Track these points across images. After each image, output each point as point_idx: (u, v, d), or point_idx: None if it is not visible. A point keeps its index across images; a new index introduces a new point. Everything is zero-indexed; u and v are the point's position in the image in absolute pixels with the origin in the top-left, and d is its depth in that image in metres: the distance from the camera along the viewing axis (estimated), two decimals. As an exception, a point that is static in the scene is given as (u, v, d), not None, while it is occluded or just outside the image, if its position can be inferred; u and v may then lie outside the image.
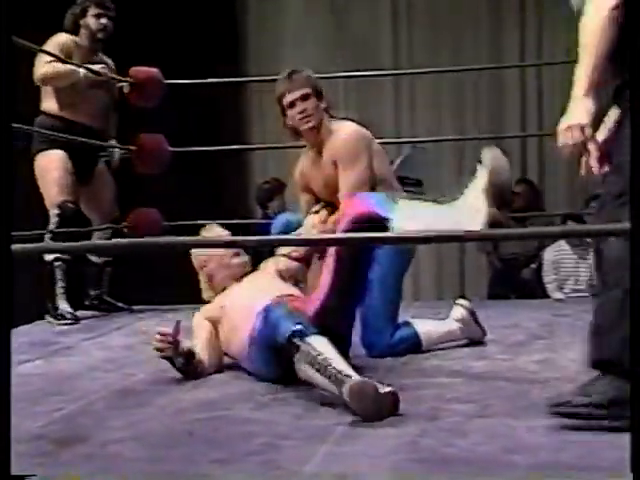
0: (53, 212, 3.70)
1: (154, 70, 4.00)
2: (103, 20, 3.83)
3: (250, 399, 2.23)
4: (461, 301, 2.91)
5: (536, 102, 6.34)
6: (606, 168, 1.98)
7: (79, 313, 3.78)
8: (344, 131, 2.80)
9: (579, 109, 1.89)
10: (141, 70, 3.97)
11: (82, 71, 3.72)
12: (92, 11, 3.81)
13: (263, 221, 5.65)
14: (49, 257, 3.68)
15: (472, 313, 2.86)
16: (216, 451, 1.78)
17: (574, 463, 1.62)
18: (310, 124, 2.80)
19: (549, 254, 5.05)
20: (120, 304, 4.05)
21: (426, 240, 2.32)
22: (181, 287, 3.46)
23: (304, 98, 2.79)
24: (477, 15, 6.36)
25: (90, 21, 3.82)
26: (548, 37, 6.24)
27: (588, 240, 5.04)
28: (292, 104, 2.80)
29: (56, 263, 3.69)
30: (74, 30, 3.83)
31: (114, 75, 3.94)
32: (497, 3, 6.39)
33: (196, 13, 5.94)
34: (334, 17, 6.47)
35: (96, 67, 3.79)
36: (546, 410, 1.86)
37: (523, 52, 6.36)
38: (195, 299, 2.90)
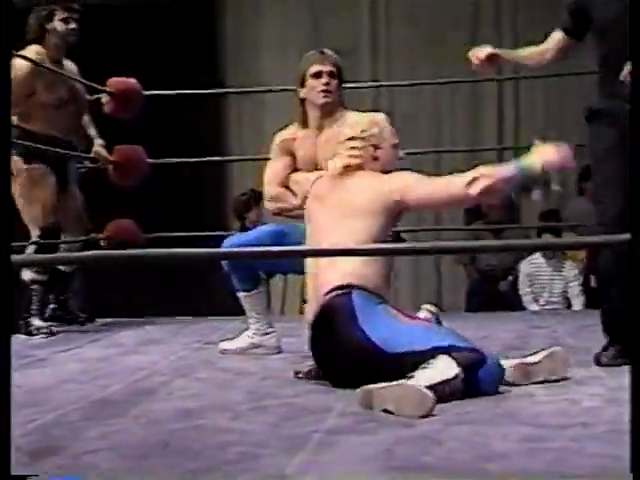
0: (35, 233, 3.68)
1: (132, 81, 4.00)
2: (72, 24, 3.76)
3: (227, 408, 2.22)
4: (427, 305, 2.90)
5: (513, 115, 6.40)
6: None
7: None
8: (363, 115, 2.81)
9: None
10: (119, 81, 3.98)
11: None
12: (60, 15, 3.72)
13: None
14: (27, 277, 3.66)
15: (437, 318, 2.86)
16: (192, 461, 1.77)
17: (546, 470, 1.63)
18: (328, 99, 2.88)
19: (525, 267, 5.10)
20: (82, 315, 4.02)
21: (409, 252, 2.33)
22: (150, 298, 3.46)
23: (331, 74, 2.88)
24: (456, 26, 6.41)
25: (58, 25, 3.73)
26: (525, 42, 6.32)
27: (563, 253, 5.12)
28: (319, 74, 2.88)
29: (34, 286, 3.66)
30: (40, 35, 3.73)
31: (83, 80, 3.90)
32: (474, 14, 6.45)
33: (174, 24, 5.95)
34: (313, 28, 6.50)
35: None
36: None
37: (500, 67, 6.42)
38: (165, 311, 2.91)
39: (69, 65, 3.90)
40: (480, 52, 2.83)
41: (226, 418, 2.13)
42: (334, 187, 2.68)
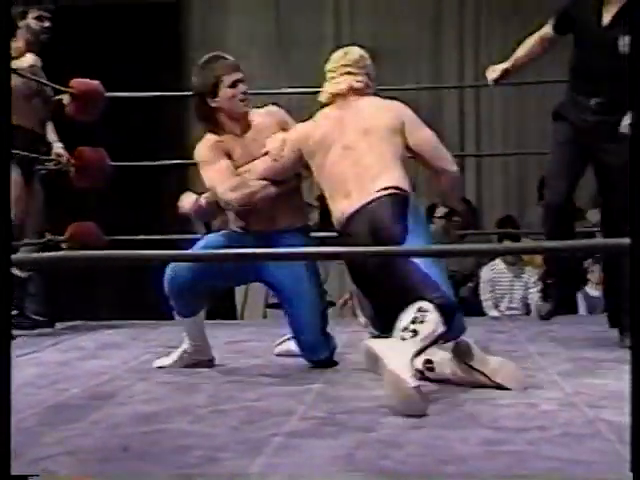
0: None
1: (95, 82, 3.97)
2: (46, 23, 3.82)
3: (188, 412, 2.22)
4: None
5: (474, 123, 6.47)
6: None
7: None
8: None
9: None
10: (82, 82, 3.95)
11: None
12: (34, 13, 3.80)
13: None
14: None
15: None
16: (151, 465, 1.77)
17: (505, 473, 1.66)
18: (248, 108, 2.86)
19: (485, 272, 5.16)
20: (41, 319, 3.98)
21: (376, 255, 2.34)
22: (110, 301, 3.44)
23: (242, 81, 2.85)
24: (419, 25, 6.46)
25: (32, 22, 3.80)
26: (485, 57, 6.39)
27: (523, 259, 5.19)
28: (235, 84, 2.83)
29: None
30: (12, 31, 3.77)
31: (45, 81, 3.88)
32: (437, 14, 6.50)
33: (139, 25, 5.92)
34: (278, 29, 6.49)
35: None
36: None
37: (462, 73, 6.48)
38: (126, 315, 2.88)
39: (36, 59, 3.89)
40: (494, 73, 3.27)
41: (186, 422, 2.12)
42: (346, 110, 2.72)
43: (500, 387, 2.35)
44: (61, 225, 4.08)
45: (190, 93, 3.08)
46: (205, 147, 2.88)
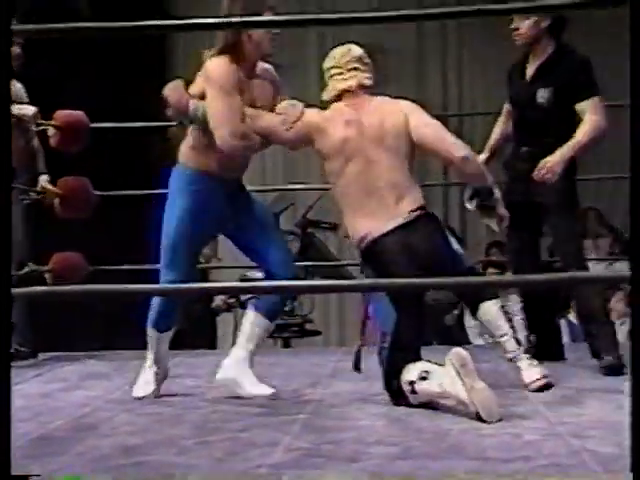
0: None
1: (79, 113, 3.99)
2: (17, 49, 3.76)
3: (172, 443, 2.21)
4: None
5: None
6: None
7: None
8: None
9: None
10: (66, 114, 3.96)
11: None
12: None
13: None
14: None
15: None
16: (136, 497, 1.76)
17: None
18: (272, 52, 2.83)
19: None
20: (23, 349, 3.95)
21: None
22: (93, 331, 3.42)
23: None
24: (401, 59, 6.53)
25: None
26: (468, 85, 6.48)
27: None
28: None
29: None
30: None
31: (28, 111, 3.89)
32: (420, 50, 6.59)
33: (125, 52, 5.94)
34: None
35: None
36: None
37: (445, 103, 6.56)
38: (109, 345, 2.88)
39: (17, 86, 3.89)
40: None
41: (171, 453, 2.12)
42: (361, 112, 2.75)
43: (478, 416, 2.36)
44: (45, 255, 4.07)
45: (170, 124, 3.08)
46: (225, 70, 2.68)
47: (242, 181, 2.94)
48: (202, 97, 2.72)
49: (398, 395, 2.58)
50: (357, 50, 2.85)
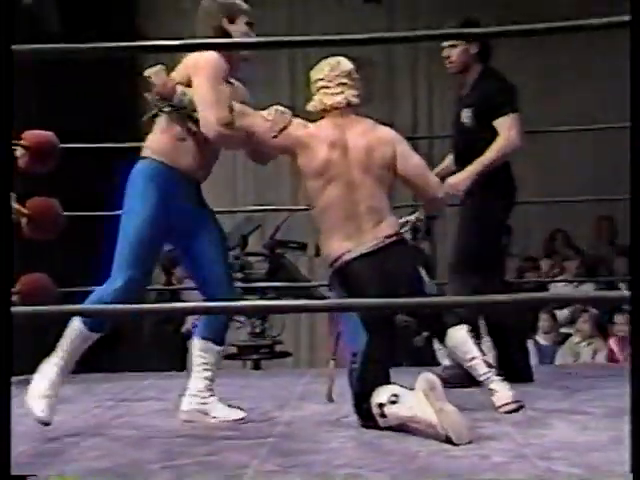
0: None
1: (49, 134, 3.96)
2: None
3: (139, 468, 2.20)
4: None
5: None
6: None
7: None
8: None
9: None
10: (35, 134, 3.93)
11: None
12: None
13: (167, 287, 5.61)
14: None
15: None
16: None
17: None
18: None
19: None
20: None
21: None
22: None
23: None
24: (373, 89, 6.59)
25: None
26: (438, 108, 6.55)
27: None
28: (251, 25, 2.81)
29: None
30: None
31: None
32: (389, 63, 6.65)
33: (94, 76, 5.92)
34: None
35: None
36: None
37: (415, 126, 6.62)
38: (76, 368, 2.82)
39: None
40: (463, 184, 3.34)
41: (140, 478, 2.10)
42: (347, 133, 2.75)
43: (447, 439, 2.37)
44: (13, 277, 4.02)
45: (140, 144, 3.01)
46: (217, 59, 2.66)
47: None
48: (187, 85, 2.68)
49: (367, 417, 2.58)
50: (347, 65, 2.82)
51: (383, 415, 2.52)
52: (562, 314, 5.29)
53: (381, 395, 2.54)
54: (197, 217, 2.79)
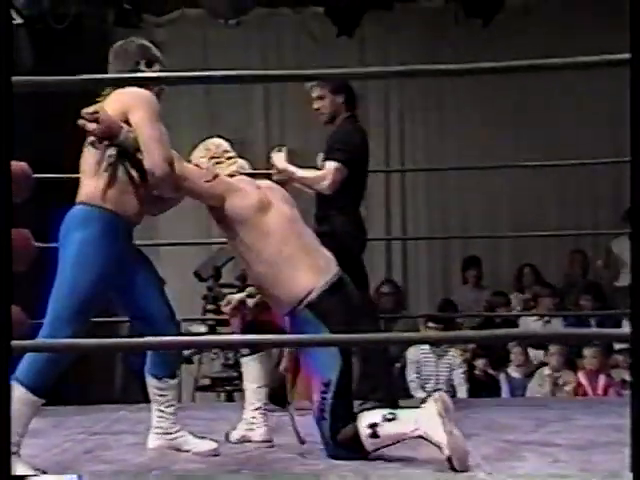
0: None
1: (23, 164, 3.95)
2: None
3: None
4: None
5: (400, 206, 6.62)
6: None
7: None
8: None
9: None
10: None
11: None
12: None
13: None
14: None
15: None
16: None
17: None
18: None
19: (412, 353, 5.22)
20: None
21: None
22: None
23: None
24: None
25: None
26: (410, 142, 6.62)
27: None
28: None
29: None
30: None
31: None
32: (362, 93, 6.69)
33: (64, 102, 5.92)
34: (208, 99, 6.47)
35: None
36: None
37: (388, 157, 6.67)
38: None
39: None
40: None
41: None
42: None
43: (449, 461, 2.41)
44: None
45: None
46: (153, 97, 2.64)
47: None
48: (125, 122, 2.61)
49: (346, 445, 2.59)
50: (225, 143, 3.03)
51: (375, 435, 2.54)
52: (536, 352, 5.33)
53: (372, 416, 2.57)
54: (135, 262, 2.72)
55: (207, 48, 6.42)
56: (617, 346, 5.01)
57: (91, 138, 2.62)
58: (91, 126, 2.55)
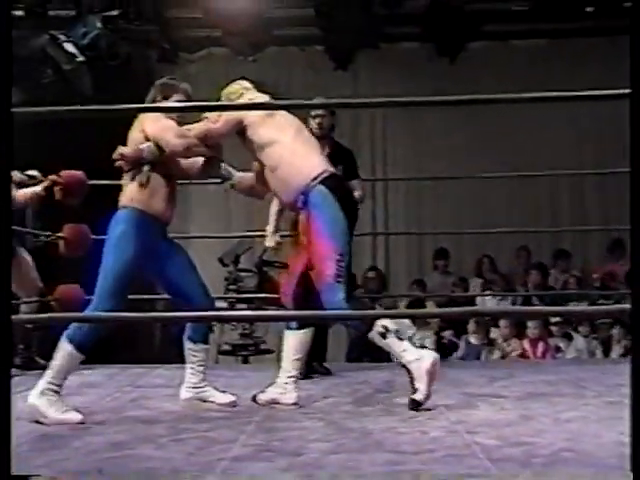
0: None
1: (79, 173, 3.99)
2: None
3: (151, 440, 2.22)
4: None
5: (383, 208, 6.64)
6: None
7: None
8: None
9: None
10: (69, 173, 3.96)
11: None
12: None
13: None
14: None
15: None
16: (122, 484, 1.77)
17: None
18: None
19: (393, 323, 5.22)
20: (42, 362, 3.88)
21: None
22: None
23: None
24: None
25: None
26: (391, 156, 6.62)
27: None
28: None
29: None
30: None
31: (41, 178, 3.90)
32: (355, 126, 6.71)
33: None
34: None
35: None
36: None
37: (374, 169, 6.68)
38: (102, 359, 2.82)
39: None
40: None
41: (151, 448, 2.12)
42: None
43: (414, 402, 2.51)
44: (51, 287, 4.04)
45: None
46: (156, 114, 2.77)
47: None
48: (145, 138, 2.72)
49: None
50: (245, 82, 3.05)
51: (383, 336, 2.61)
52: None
53: (389, 323, 2.65)
54: (169, 252, 2.77)
55: (229, 80, 6.43)
56: (553, 319, 5.08)
57: (127, 168, 2.74)
58: (120, 163, 2.72)
